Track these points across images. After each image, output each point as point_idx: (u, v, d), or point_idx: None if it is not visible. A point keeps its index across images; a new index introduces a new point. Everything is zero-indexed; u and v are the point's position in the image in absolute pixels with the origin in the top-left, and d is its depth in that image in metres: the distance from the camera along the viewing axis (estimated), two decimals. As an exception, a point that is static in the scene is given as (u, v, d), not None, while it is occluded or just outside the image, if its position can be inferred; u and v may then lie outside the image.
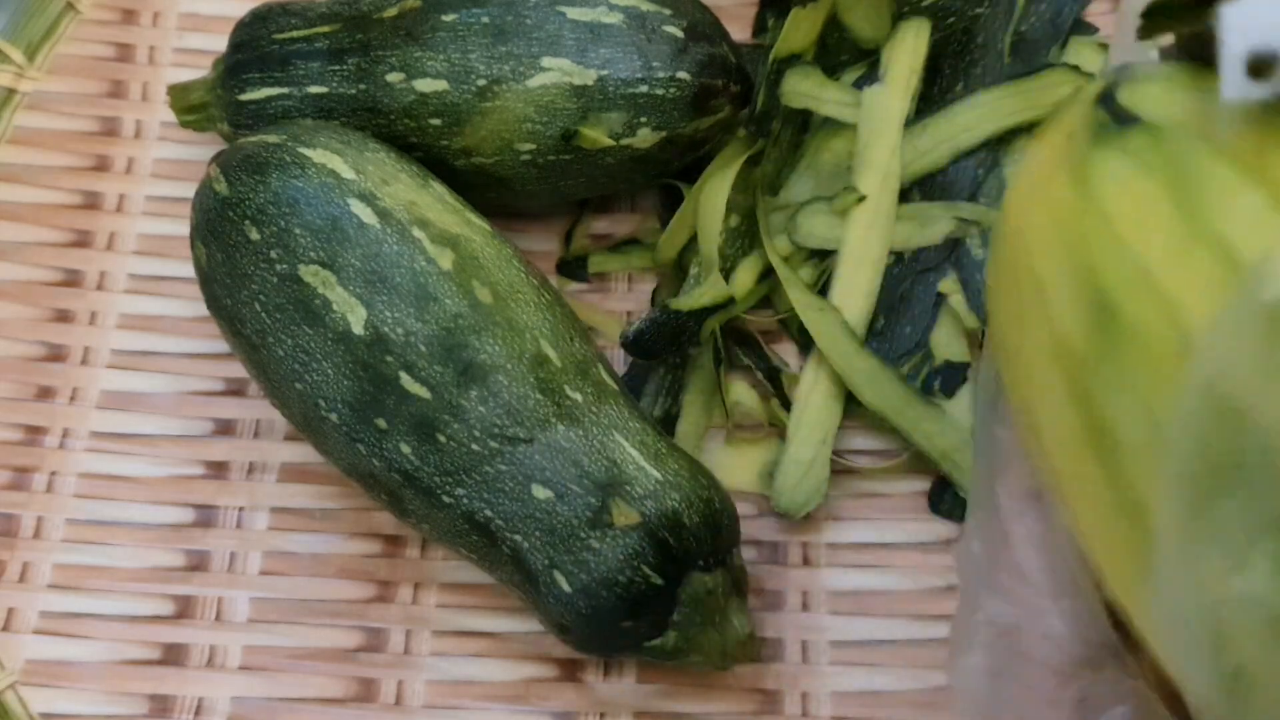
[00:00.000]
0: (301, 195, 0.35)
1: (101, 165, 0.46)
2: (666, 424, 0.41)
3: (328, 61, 0.40)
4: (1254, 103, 0.19)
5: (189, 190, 0.39)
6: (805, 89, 0.43)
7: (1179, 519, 0.20)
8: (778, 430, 0.41)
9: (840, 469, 0.40)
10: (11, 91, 0.46)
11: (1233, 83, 0.20)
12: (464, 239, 0.36)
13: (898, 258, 0.42)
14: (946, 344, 0.41)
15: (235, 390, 0.42)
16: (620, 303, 0.44)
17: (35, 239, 0.44)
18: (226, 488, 0.41)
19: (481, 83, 0.39)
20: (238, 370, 0.41)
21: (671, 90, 0.39)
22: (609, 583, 0.34)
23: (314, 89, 0.40)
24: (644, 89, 0.39)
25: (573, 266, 0.44)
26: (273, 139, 0.37)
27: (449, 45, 0.39)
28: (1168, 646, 0.21)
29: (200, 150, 0.45)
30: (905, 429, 0.40)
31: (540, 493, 0.34)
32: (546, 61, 0.39)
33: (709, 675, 0.37)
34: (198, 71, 0.44)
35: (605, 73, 0.39)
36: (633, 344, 0.40)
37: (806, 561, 0.40)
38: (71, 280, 0.44)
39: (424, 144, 0.40)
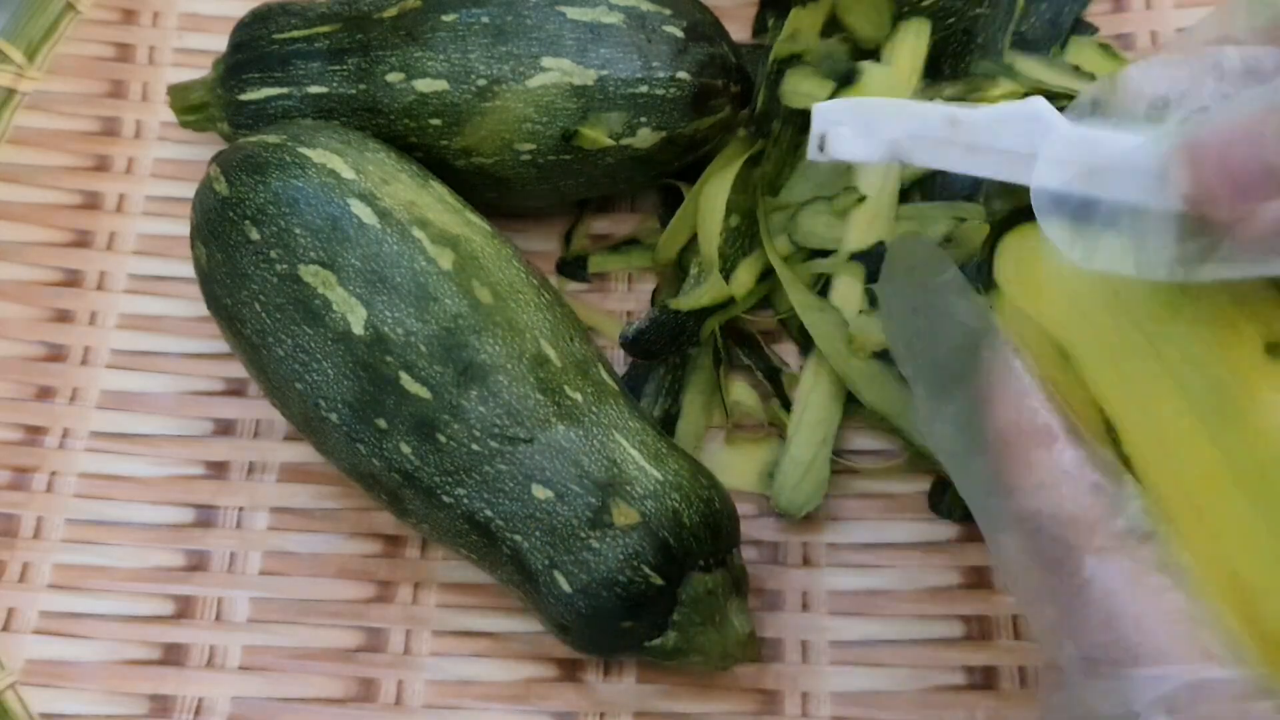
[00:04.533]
0: (301, 195, 0.35)
1: (101, 165, 0.46)
2: (666, 424, 0.41)
3: (328, 61, 0.40)
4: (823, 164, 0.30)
5: (189, 190, 0.39)
6: (805, 89, 0.43)
7: None
8: (778, 430, 0.41)
9: (840, 469, 0.40)
10: (11, 91, 0.46)
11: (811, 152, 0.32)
12: (464, 239, 0.36)
13: (898, 258, 0.42)
14: (946, 344, 0.41)
15: (235, 390, 0.42)
16: (620, 303, 0.44)
17: (35, 239, 0.44)
18: (226, 488, 0.41)
19: (481, 83, 0.39)
20: (238, 370, 0.41)
21: (671, 90, 0.39)
22: (609, 583, 0.34)
23: (314, 89, 0.40)
24: (644, 89, 0.39)
25: (573, 266, 0.44)
26: (273, 139, 0.37)
27: (449, 45, 0.39)
28: None
29: (200, 150, 0.45)
30: (905, 429, 0.40)
31: (540, 493, 0.34)
32: (546, 61, 0.39)
33: (709, 675, 0.37)
34: (198, 71, 0.44)
35: (605, 73, 0.39)
36: (633, 344, 0.40)
37: (806, 561, 0.40)
38: (71, 280, 0.44)
39: (424, 144, 0.40)
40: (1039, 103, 0.26)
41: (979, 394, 0.25)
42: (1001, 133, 0.27)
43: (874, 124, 0.30)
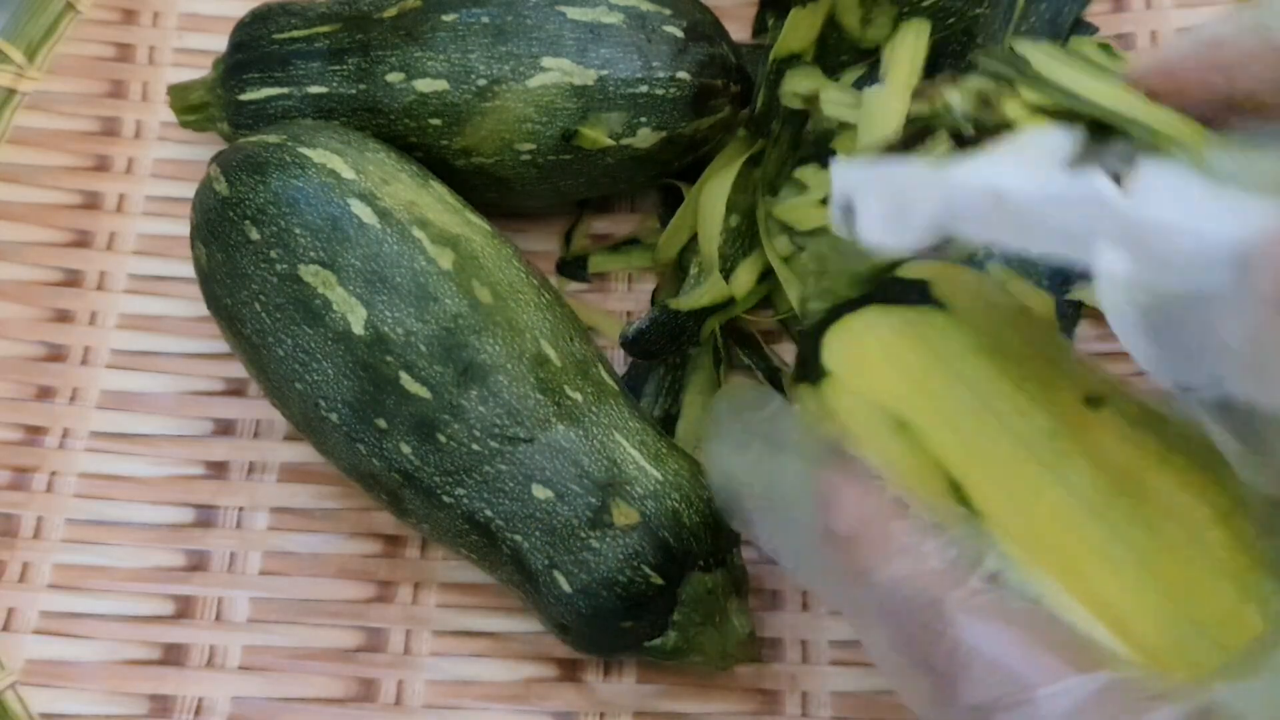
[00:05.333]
0: (301, 195, 0.35)
1: (101, 165, 0.46)
2: (666, 424, 0.41)
3: (328, 61, 0.40)
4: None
5: (189, 190, 0.39)
6: (805, 89, 0.43)
7: None
8: (778, 430, 0.41)
9: (840, 469, 0.40)
10: (11, 91, 0.46)
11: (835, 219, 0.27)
12: (464, 239, 0.36)
13: (898, 258, 0.42)
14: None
15: (235, 390, 0.42)
16: (620, 303, 0.44)
17: (35, 239, 0.44)
18: (226, 488, 0.41)
19: (481, 83, 0.39)
20: (238, 370, 0.41)
21: (671, 90, 0.39)
22: (609, 583, 0.34)
23: (314, 89, 0.40)
24: (644, 89, 0.39)
25: (573, 266, 0.44)
26: (273, 139, 0.37)
27: (449, 45, 0.39)
28: None
29: (200, 150, 0.45)
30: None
31: (540, 493, 0.34)
32: (546, 61, 0.39)
33: (709, 675, 0.37)
34: (198, 71, 0.44)
35: (605, 73, 0.39)
36: (633, 344, 0.40)
37: (806, 561, 0.39)
38: (71, 280, 0.44)
39: (424, 144, 0.40)
40: (1097, 181, 0.22)
41: (819, 500, 0.25)
42: (1054, 213, 0.23)
43: (904, 197, 0.25)
